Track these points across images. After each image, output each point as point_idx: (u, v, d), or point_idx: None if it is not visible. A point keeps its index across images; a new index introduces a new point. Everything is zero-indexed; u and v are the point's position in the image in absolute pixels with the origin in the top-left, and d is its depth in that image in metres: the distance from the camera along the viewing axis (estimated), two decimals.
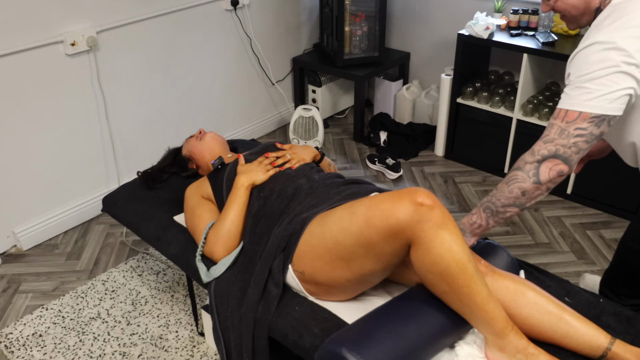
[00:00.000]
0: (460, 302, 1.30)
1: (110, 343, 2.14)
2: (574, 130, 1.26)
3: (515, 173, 1.34)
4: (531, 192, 1.32)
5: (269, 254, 1.56)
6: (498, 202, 1.37)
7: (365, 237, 1.33)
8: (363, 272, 1.40)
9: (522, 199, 1.33)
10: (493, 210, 1.39)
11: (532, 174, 1.30)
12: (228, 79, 3.37)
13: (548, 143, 1.29)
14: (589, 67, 1.25)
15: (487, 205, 1.40)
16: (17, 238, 2.64)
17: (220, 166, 1.87)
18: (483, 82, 3.16)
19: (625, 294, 1.65)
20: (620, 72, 1.23)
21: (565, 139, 1.27)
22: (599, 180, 2.72)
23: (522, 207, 1.35)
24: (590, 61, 1.25)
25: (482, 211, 1.42)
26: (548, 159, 1.28)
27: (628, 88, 1.24)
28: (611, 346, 1.33)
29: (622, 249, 1.64)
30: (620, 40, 1.22)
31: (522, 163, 1.33)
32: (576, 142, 1.27)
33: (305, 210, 1.58)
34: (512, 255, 1.64)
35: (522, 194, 1.32)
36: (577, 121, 1.26)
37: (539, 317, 1.38)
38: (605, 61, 1.23)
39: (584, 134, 1.26)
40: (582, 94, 1.26)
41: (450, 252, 1.26)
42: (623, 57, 1.22)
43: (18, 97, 2.45)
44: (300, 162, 1.83)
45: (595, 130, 1.26)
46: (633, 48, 1.22)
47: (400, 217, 1.27)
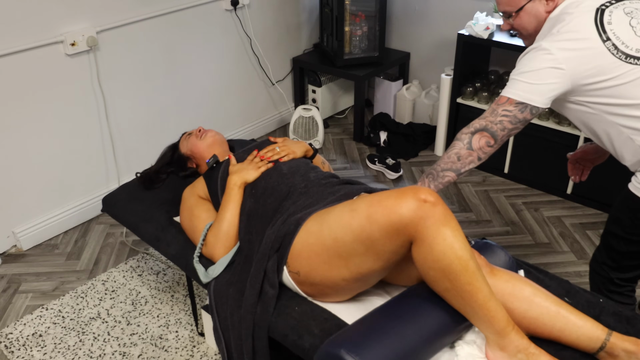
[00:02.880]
0: (462, 299, 1.30)
1: (110, 343, 2.14)
2: (502, 111, 1.52)
3: (454, 142, 1.57)
4: (465, 157, 1.54)
5: (263, 255, 1.55)
6: (438, 167, 1.57)
7: (367, 234, 1.33)
8: (361, 270, 1.40)
9: (457, 164, 1.55)
10: (434, 175, 1.57)
11: (466, 142, 1.55)
12: (228, 79, 3.37)
13: (481, 119, 1.54)
14: (521, 65, 1.52)
15: (429, 171, 1.59)
16: (17, 238, 2.64)
17: (215, 165, 1.87)
18: (483, 82, 3.16)
19: (609, 265, 1.72)
20: (544, 68, 1.47)
21: (494, 117, 1.52)
22: (599, 180, 2.72)
23: (457, 172, 1.55)
24: (524, 61, 1.52)
25: (424, 176, 1.60)
26: (479, 131, 1.54)
27: (551, 84, 1.47)
28: (609, 337, 1.33)
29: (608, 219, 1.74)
30: (547, 43, 1.47)
31: (460, 134, 1.57)
32: (501, 120, 1.51)
33: (299, 210, 1.58)
34: (511, 255, 1.64)
35: (458, 158, 1.54)
36: (505, 104, 1.51)
37: (537, 312, 1.38)
38: (533, 60, 1.49)
39: (509, 115, 1.51)
40: (514, 85, 1.51)
41: (453, 249, 1.27)
42: (546, 56, 1.46)
43: (18, 97, 2.45)
44: (289, 155, 1.82)
45: (519, 115, 1.50)
46: (556, 47, 1.46)
47: (404, 213, 1.28)
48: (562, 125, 2.82)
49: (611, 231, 1.68)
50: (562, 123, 2.82)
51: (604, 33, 1.46)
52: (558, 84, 1.47)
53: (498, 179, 3.14)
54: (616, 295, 1.71)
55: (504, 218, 2.81)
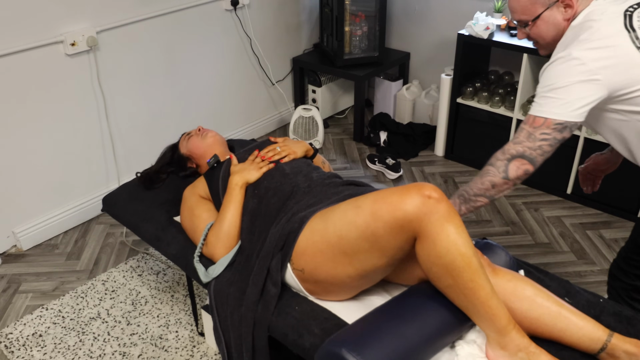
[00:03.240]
0: (464, 296, 1.31)
1: (110, 343, 2.14)
2: (540, 135, 1.42)
3: (488, 168, 1.49)
4: (500, 185, 1.47)
5: (266, 253, 1.56)
6: (471, 191, 1.51)
7: (371, 230, 1.33)
8: (365, 267, 1.40)
9: (491, 191, 1.48)
10: (466, 198, 1.52)
11: (502, 170, 1.46)
12: (228, 79, 3.37)
13: (517, 144, 1.45)
14: (552, 79, 1.40)
15: (461, 192, 1.54)
16: (17, 238, 2.64)
17: (216, 164, 1.87)
18: (483, 82, 3.16)
19: (635, 273, 1.69)
20: (579, 82, 1.37)
21: (532, 142, 1.43)
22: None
23: (490, 198, 1.50)
24: (552, 74, 1.41)
25: (456, 197, 1.55)
26: (516, 158, 1.45)
27: (587, 97, 1.38)
28: (610, 338, 1.33)
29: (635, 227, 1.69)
30: (576, 52, 1.37)
31: (494, 160, 1.49)
32: (541, 145, 1.42)
33: (303, 209, 1.58)
34: (511, 255, 1.64)
35: (492, 186, 1.48)
36: (542, 127, 1.41)
37: (538, 312, 1.38)
38: (564, 72, 1.38)
39: (548, 138, 1.41)
40: (547, 103, 1.41)
41: (456, 246, 1.27)
42: (579, 67, 1.36)
43: (18, 97, 2.45)
44: (290, 155, 1.82)
45: (558, 135, 1.41)
46: (588, 58, 1.36)
47: (408, 209, 1.28)
48: None
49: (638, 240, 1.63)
50: None
51: (637, 39, 1.37)
52: (595, 96, 1.38)
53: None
54: (637, 303, 1.69)
55: (504, 218, 2.81)
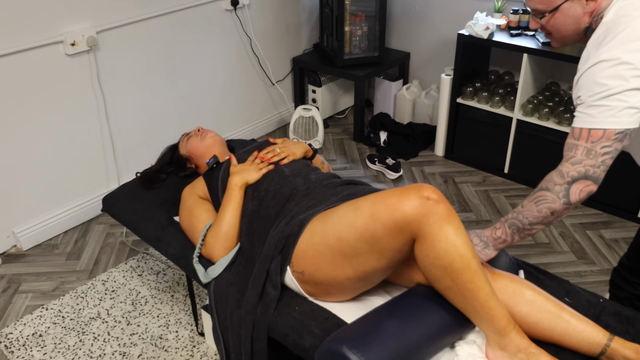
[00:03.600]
0: (464, 297, 1.31)
1: (110, 343, 2.14)
2: (601, 149, 1.28)
3: (544, 194, 1.36)
4: (560, 211, 1.34)
5: (266, 256, 1.56)
6: (525, 220, 1.39)
7: (370, 232, 1.33)
8: (365, 269, 1.40)
9: (550, 218, 1.36)
10: (519, 228, 1.41)
11: (562, 195, 1.33)
12: (228, 79, 3.37)
13: (577, 164, 1.30)
14: (601, 85, 1.26)
15: (512, 222, 1.42)
16: (17, 238, 2.64)
17: (215, 165, 1.86)
18: (483, 82, 3.16)
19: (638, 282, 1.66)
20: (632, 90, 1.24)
21: (593, 159, 1.29)
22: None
23: (548, 225, 1.39)
24: (600, 80, 1.27)
25: (507, 227, 1.43)
26: (578, 180, 1.31)
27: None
28: (610, 342, 1.33)
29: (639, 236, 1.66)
30: (625, 55, 1.25)
31: (552, 185, 1.35)
32: (604, 160, 1.29)
33: (302, 211, 1.58)
34: (511, 255, 1.64)
35: (552, 213, 1.35)
36: (602, 140, 1.28)
37: (538, 316, 1.38)
38: (615, 78, 1.25)
39: (610, 150, 1.28)
40: (602, 112, 1.27)
41: (455, 247, 1.27)
42: (632, 72, 1.24)
43: (18, 97, 2.45)
44: (290, 156, 1.82)
45: (619, 145, 1.29)
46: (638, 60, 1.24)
47: (407, 210, 1.28)
48: (562, 125, 2.82)
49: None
50: (562, 123, 2.82)
51: None
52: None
53: (498, 179, 3.14)
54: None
55: None
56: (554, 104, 2.89)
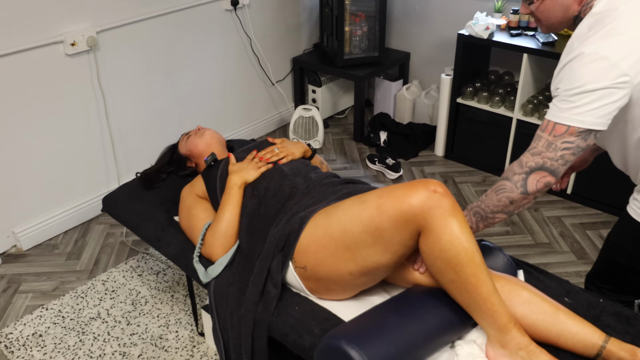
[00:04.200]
0: (466, 292, 1.31)
1: (110, 343, 2.14)
2: (561, 144, 1.29)
3: (503, 183, 1.39)
4: (519, 201, 1.38)
5: (267, 254, 1.56)
6: (487, 208, 1.44)
7: (376, 224, 1.34)
8: (367, 263, 1.40)
9: (510, 207, 1.40)
10: (482, 216, 1.46)
11: (519, 185, 1.36)
12: (228, 79, 3.37)
13: (536, 156, 1.33)
14: (577, 80, 1.25)
15: (476, 210, 1.47)
16: (17, 238, 2.64)
17: (213, 162, 1.87)
18: (483, 82, 3.16)
19: (608, 288, 1.67)
20: (609, 87, 1.23)
21: (552, 152, 1.30)
22: (599, 180, 2.72)
23: (510, 214, 1.41)
24: (577, 75, 1.26)
25: (472, 215, 1.48)
26: (536, 171, 1.33)
27: (616, 101, 1.25)
28: (606, 344, 1.33)
29: (607, 245, 1.67)
30: (605, 50, 1.23)
31: (511, 174, 1.38)
32: (563, 155, 1.30)
33: (303, 209, 1.58)
34: (509, 256, 1.64)
35: (510, 202, 1.38)
36: (565, 135, 1.28)
37: (534, 317, 1.38)
38: (591, 74, 1.23)
39: (571, 147, 1.29)
40: (570, 108, 1.27)
41: (460, 240, 1.28)
42: (609, 69, 1.22)
43: (18, 97, 2.45)
44: (288, 156, 1.82)
45: (582, 143, 1.29)
46: (618, 57, 1.22)
47: (414, 202, 1.29)
48: None
49: (613, 260, 1.61)
50: None
51: None
52: (624, 99, 1.26)
53: (498, 179, 3.13)
54: None
55: None
56: None
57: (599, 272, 1.70)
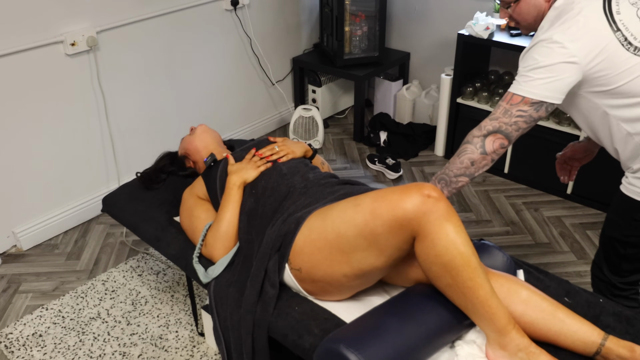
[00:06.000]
0: (464, 295, 1.31)
1: (110, 343, 2.14)
2: (516, 112, 1.47)
3: (465, 146, 1.54)
4: (479, 161, 1.51)
5: (263, 255, 1.56)
6: (451, 172, 1.54)
7: (370, 228, 1.33)
8: (362, 266, 1.40)
9: (471, 169, 1.52)
10: (447, 181, 1.55)
11: (479, 146, 1.51)
12: (228, 79, 3.37)
13: (493, 120, 1.51)
14: (533, 60, 1.45)
15: (441, 177, 1.57)
16: (17, 238, 2.64)
17: (213, 163, 1.87)
18: (483, 82, 3.16)
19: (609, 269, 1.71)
20: (559, 63, 1.41)
21: (507, 118, 1.48)
22: (599, 180, 2.72)
23: (471, 177, 1.53)
24: (534, 55, 1.45)
25: (437, 182, 1.57)
26: (492, 133, 1.51)
27: (565, 78, 1.42)
28: (605, 342, 1.33)
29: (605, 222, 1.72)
30: (558, 35, 1.41)
31: (471, 137, 1.54)
32: (516, 121, 1.48)
33: (299, 209, 1.58)
34: (509, 256, 1.64)
35: (472, 163, 1.52)
36: (520, 104, 1.47)
37: (533, 315, 1.38)
38: (546, 54, 1.42)
39: (524, 115, 1.47)
40: (526, 82, 1.46)
41: (455, 245, 1.28)
42: (559, 50, 1.41)
43: (18, 97, 2.45)
44: (289, 154, 1.82)
45: (534, 114, 1.46)
46: (568, 40, 1.40)
47: (408, 207, 1.28)
48: (562, 125, 2.82)
49: (608, 235, 1.67)
50: (562, 123, 2.82)
51: (614, 23, 1.42)
52: (572, 77, 1.43)
53: (498, 179, 3.14)
54: (622, 299, 1.69)
55: (504, 218, 2.81)
56: None
57: (599, 252, 1.74)
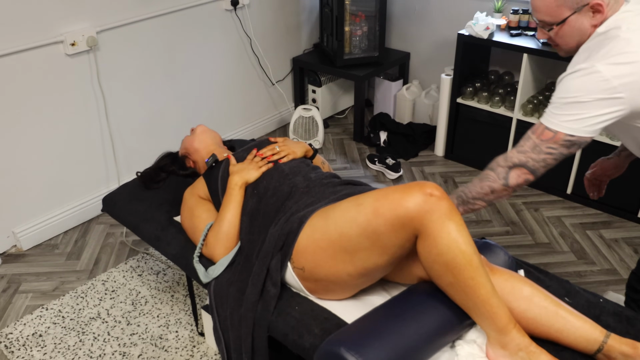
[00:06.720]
0: (465, 294, 1.31)
1: (110, 343, 2.14)
2: (546, 149, 1.39)
3: (488, 173, 1.50)
4: (499, 192, 1.47)
5: (266, 254, 1.56)
6: (470, 193, 1.52)
7: (372, 228, 1.33)
8: (366, 265, 1.40)
9: (490, 196, 1.49)
10: (464, 199, 1.54)
11: (502, 177, 1.46)
12: (228, 79, 3.37)
13: (521, 154, 1.43)
14: (571, 91, 1.33)
15: (459, 193, 1.56)
16: (17, 238, 2.64)
17: (214, 164, 1.87)
18: (483, 82, 3.16)
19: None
20: (598, 100, 1.30)
21: (536, 154, 1.40)
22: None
23: (488, 203, 1.51)
24: (571, 86, 1.34)
25: (454, 197, 1.56)
26: (518, 167, 1.44)
27: (605, 114, 1.31)
28: (607, 339, 1.33)
29: None
30: (600, 66, 1.29)
31: (496, 165, 1.49)
32: (545, 158, 1.40)
33: (302, 209, 1.58)
34: (511, 255, 1.64)
35: (491, 191, 1.48)
36: (550, 141, 1.38)
37: (536, 312, 1.38)
38: (586, 87, 1.31)
39: (554, 153, 1.38)
40: (561, 115, 1.36)
41: (457, 243, 1.28)
42: (600, 83, 1.29)
43: (18, 97, 2.45)
44: (290, 155, 1.82)
45: (565, 151, 1.38)
46: (611, 74, 1.28)
47: (410, 206, 1.29)
48: None
49: None
50: None
51: None
52: (614, 113, 1.31)
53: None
54: None
55: (504, 218, 2.81)
56: None
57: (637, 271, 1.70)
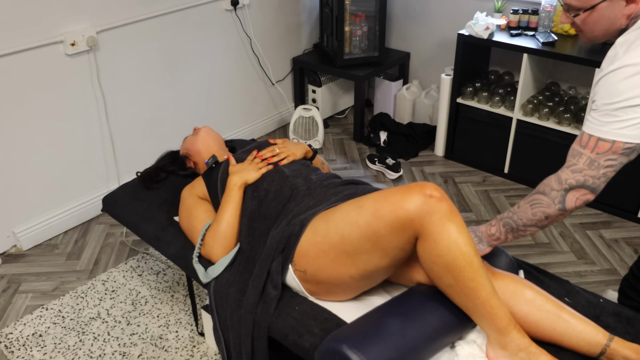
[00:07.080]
0: (465, 296, 1.31)
1: (110, 343, 2.14)
2: (605, 162, 1.24)
3: (540, 197, 1.35)
4: (555, 217, 1.34)
5: (267, 256, 1.56)
6: (520, 221, 1.40)
7: (373, 230, 1.33)
8: (368, 268, 1.40)
9: (544, 222, 1.36)
10: (513, 227, 1.42)
11: (557, 202, 1.32)
12: (228, 79, 3.37)
13: (577, 173, 1.27)
14: (619, 93, 1.20)
15: (507, 221, 1.43)
16: (17, 238, 2.64)
17: (215, 165, 1.86)
18: (483, 82, 3.16)
19: None
20: None
21: (594, 170, 1.25)
22: None
23: (542, 228, 1.39)
24: (619, 87, 1.20)
25: (501, 226, 1.45)
26: (576, 188, 1.28)
27: None
28: (610, 342, 1.33)
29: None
30: None
31: (548, 189, 1.33)
32: (606, 172, 1.25)
33: (303, 211, 1.58)
34: (511, 256, 1.64)
35: (546, 217, 1.35)
36: (609, 152, 1.23)
37: (538, 316, 1.38)
38: (636, 87, 1.18)
39: (614, 164, 1.24)
40: (614, 122, 1.21)
41: (457, 245, 1.28)
42: None
43: (18, 97, 2.45)
44: (290, 156, 1.82)
45: (625, 160, 1.25)
46: None
47: (410, 208, 1.28)
48: (562, 125, 2.82)
49: None
50: (562, 123, 2.82)
51: None
52: None
53: (498, 179, 3.14)
54: None
55: None
56: (554, 104, 2.89)
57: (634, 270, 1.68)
